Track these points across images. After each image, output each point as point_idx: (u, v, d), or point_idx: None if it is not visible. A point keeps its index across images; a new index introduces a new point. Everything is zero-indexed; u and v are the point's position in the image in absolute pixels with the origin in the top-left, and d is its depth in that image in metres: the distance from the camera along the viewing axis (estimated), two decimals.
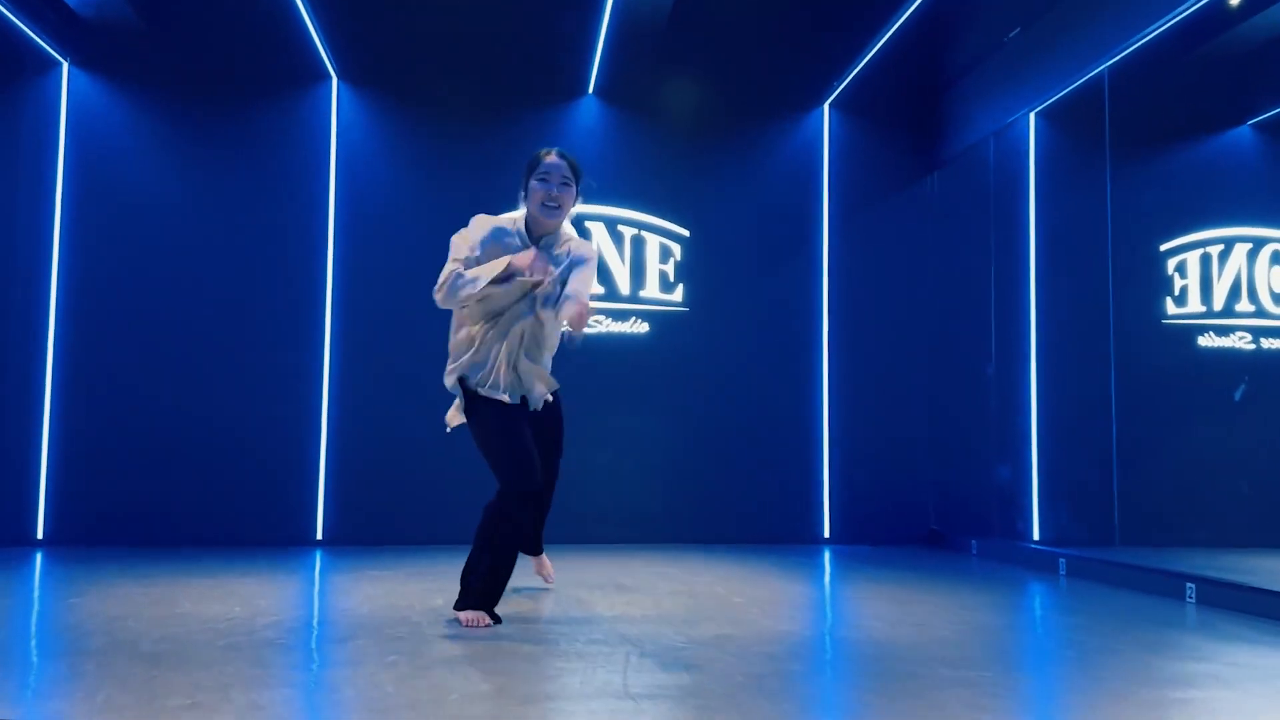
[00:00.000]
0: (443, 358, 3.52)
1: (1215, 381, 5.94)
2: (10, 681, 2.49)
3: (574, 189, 3.46)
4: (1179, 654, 3.08)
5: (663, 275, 6.49)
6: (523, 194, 3.47)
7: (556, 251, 3.44)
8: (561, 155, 3.45)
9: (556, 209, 3.41)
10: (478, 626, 3.24)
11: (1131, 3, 4.90)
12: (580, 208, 3.61)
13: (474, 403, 3.40)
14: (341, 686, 2.48)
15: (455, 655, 2.84)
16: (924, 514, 6.54)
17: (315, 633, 3.26)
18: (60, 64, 6.06)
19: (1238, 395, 5.50)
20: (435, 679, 2.52)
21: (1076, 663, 2.96)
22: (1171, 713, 2.32)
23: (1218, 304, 6.11)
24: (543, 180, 3.40)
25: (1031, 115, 5.88)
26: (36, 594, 4.19)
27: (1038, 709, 2.47)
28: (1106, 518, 5.13)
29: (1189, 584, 4.10)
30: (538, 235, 3.44)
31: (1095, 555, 4.90)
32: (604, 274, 6.42)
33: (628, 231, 6.46)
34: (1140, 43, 4.82)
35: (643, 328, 6.42)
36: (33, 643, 3.11)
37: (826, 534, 6.43)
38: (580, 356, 3.87)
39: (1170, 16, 4.58)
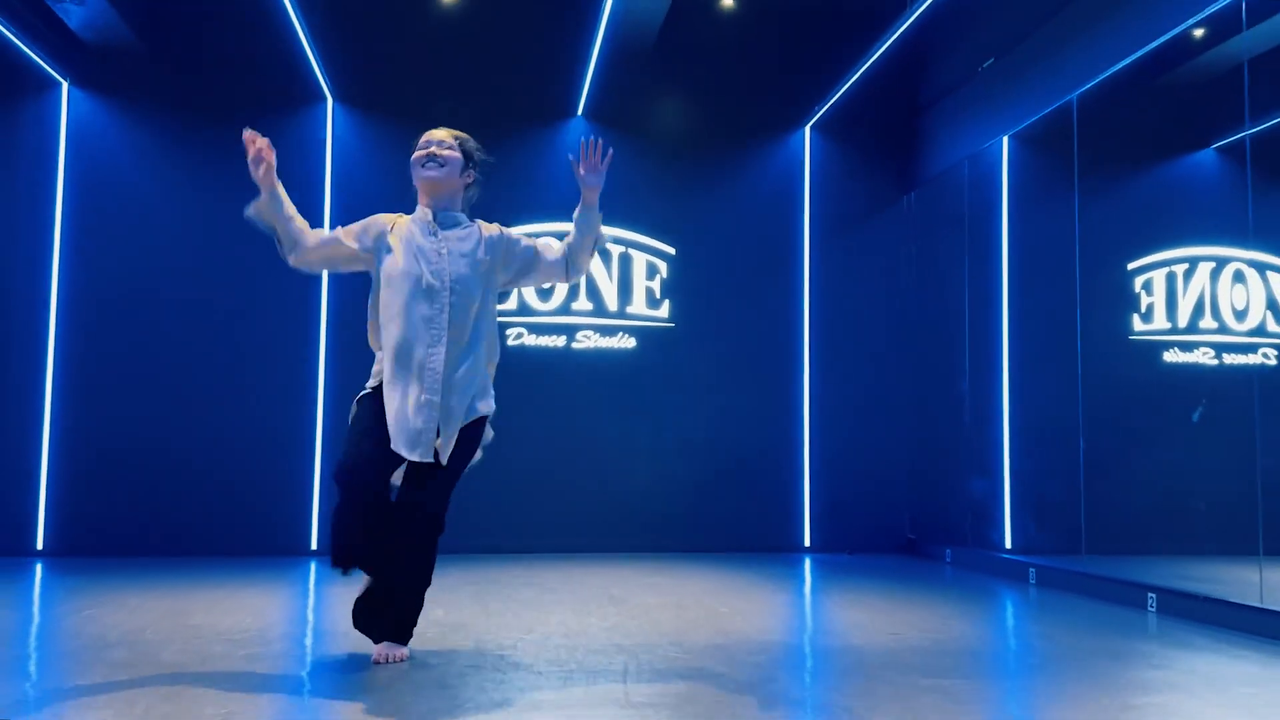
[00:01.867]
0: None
1: (1179, 396, 6.18)
2: (52, 691, 2.66)
3: (459, 155, 3.20)
4: (1138, 661, 3.31)
5: (649, 292, 6.69)
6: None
7: (460, 233, 3.17)
8: (447, 128, 3.27)
9: (438, 165, 3.15)
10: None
11: (1098, 36, 5.15)
12: (569, 225, 3.25)
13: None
14: (361, 695, 2.66)
15: (463, 666, 3.02)
16: (900, 524, 6.79)
17: (328, 643, 3.44)
18: (60, 84, 6.19)
19: (1195, 417, 5.75)
20: (449, 688, 2.71)
21: (1041, 670, 3.19)
22: (1130, 717, 2.55)
23: (1182, 321, 6.34)
24: (421, 145, 3.22)
25: (1005, 139, 6.12)
26: (52, 606, 4.34)
27: (1005, 715, 2.68)
28: (1073, 528, 5.37)
29: (1150, 594, 4.34)
30: (432, 210, 3.19)
31: (1062, 565, 5.14)
32: (592, 290, 6.62)
33: (615, 249, 6.65)
34: (1107, 73, 5.07)
35: (629, 343, 6.62)
36: (61, 655, 3.27)
37: (807, 543, 6.66)
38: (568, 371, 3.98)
39: (1136, 49, 4.83)
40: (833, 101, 6.59)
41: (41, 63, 6.01)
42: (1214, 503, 5.49)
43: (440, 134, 3.25)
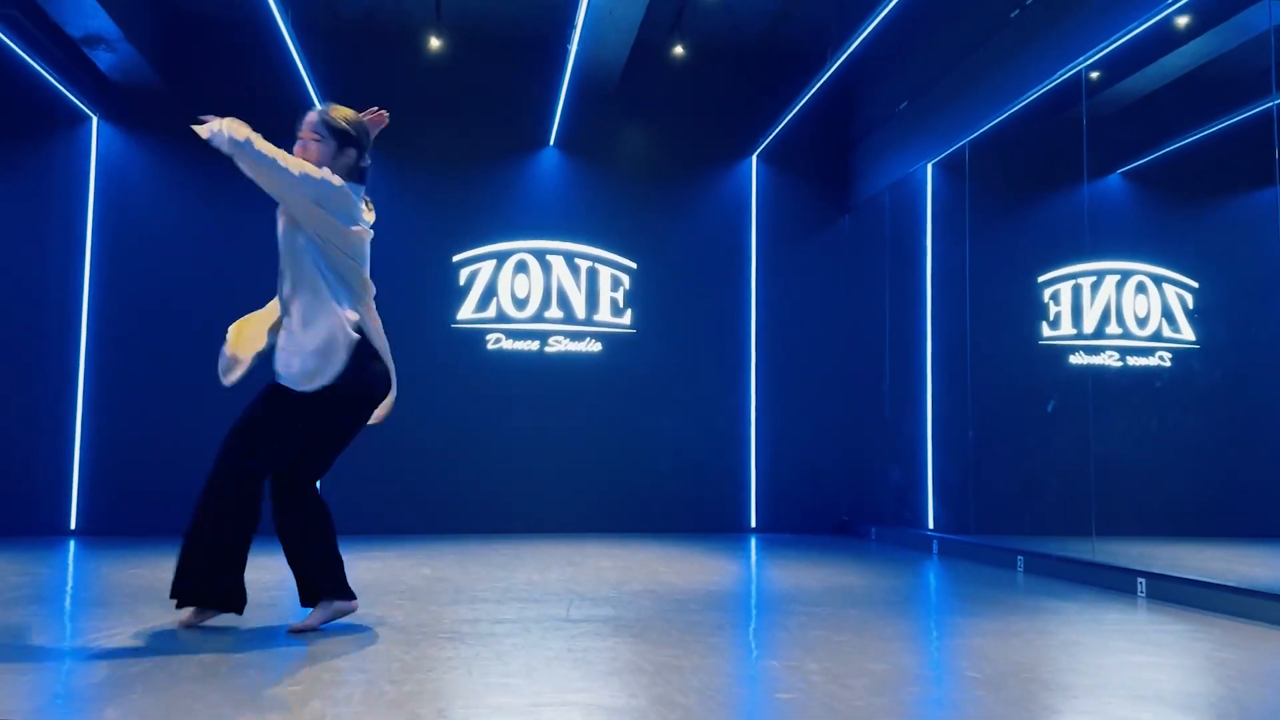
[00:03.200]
0: (427, 362, 4.51)
1: (1078, 394, 6.98)
2: (132, 615, 3.47)
3: (329, 143, 3.29)
4: (980, 598, 4.16)
5: (614, 302, 7.54)
6: None
7: None
8: (320, 109, 3.30)
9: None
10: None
11: (988, 87, 6.01)
12: (543, 243, 3.66)
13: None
14: (362, 617, 3.49)
15: (444, 601, 3.86)
16: (836, 507, 7.64)
17: None
18: (90, 119, 7.00)
19: (1050, 408, 6.60)
20: (432, 613, 3.54)
21: (893, 603, 4.03)
22: (940, 630, 3.39)
23: (1088, 327, 7.14)
24: (297, 138, 3.35)
25: (929, 166, 6.96)
26: (101, 568, 5.14)
27: (847, 624, 3.52)
28: (967, 510, 6.23)
29: (1019, 556, 5.20)
30: None
31: (957, 538, 6.00)
32: (563, 300, 7.46)
33: (584, 264, 7.49)
34: (1001, 115, 5.92)
35: (596, 347, 7.46)
36: (124, 595, 4.09)
37: (753, 524, 7.51)
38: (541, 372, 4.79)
39: (1031, 91, 5.65)
40: (775, 135, 7.46)
41: (74, 99, 6.82)
42: (1067, 488, 6.30)
43: (309, 119, 3.33)
